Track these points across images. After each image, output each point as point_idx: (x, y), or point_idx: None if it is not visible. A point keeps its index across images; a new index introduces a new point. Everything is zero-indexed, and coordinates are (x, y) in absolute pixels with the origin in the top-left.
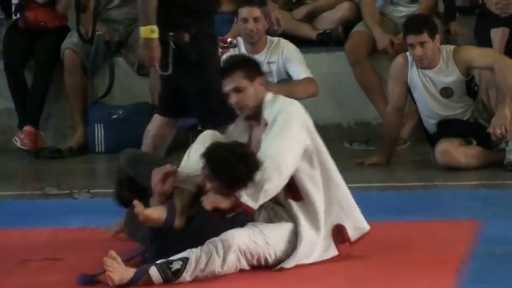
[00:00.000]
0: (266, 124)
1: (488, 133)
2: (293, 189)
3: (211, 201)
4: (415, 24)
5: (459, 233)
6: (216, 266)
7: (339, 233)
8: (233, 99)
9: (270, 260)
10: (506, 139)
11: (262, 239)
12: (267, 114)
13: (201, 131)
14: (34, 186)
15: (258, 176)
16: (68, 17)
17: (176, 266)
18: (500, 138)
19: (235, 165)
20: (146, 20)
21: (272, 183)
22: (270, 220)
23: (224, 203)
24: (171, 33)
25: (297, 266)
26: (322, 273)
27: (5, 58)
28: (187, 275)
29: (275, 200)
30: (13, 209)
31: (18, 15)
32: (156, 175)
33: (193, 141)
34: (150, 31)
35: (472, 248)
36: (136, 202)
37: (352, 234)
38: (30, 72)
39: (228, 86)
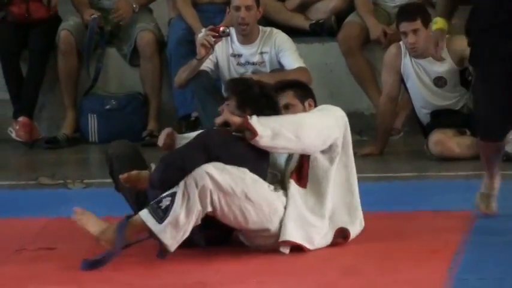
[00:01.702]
0: None
1: None
2: (301, 173)
3: (222, 116)
4: (408, 12)
5: (453, 223)
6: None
7: (342, 234)
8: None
9: (247, 216)
10: None
11: (241, 190)
12: None
13: (194, 121)
14: (28, 176)
15: (274, 118)
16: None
17: (166, 202)
18: None
19: (254, 87)
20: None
21: (283, 132)
22: None
23: (234, 118)
24: None
25: (288, 255)
26: (313, 263)
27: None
28: (177, 207)
29: (280, 181)
30: (7, 199)
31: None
32: (162, 136)
33: (185, 130)
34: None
35: (466, 238)
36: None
37: (353, 235)
38: (25, 63)
39: (281, 102)
